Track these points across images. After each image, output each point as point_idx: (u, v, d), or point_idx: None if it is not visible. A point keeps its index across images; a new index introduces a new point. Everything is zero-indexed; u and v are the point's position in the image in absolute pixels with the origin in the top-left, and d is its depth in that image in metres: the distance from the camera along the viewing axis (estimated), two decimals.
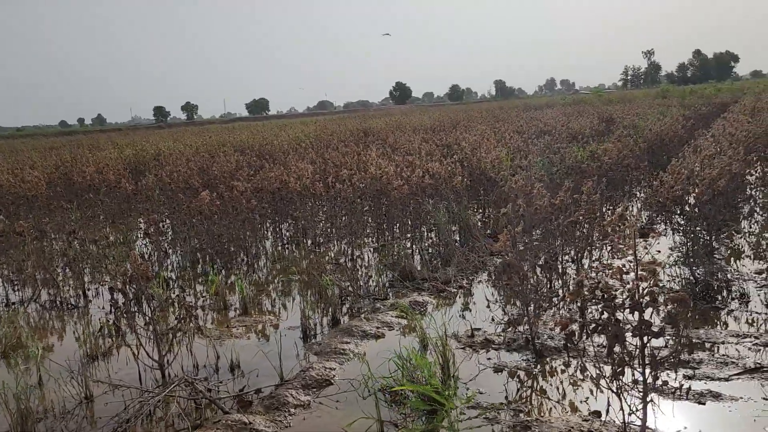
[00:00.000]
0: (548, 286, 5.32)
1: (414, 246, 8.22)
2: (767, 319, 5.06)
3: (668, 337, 4.29)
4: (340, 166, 10.87)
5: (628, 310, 3.24)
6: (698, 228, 6.18)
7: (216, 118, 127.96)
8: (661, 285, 3.36)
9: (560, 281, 5.94)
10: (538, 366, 4.48)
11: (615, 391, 3.36)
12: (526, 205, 5.59)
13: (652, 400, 3.30)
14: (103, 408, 4.28)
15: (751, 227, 7.80)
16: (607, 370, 3.89)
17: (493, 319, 5.40)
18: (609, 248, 7.24)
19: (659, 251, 6.96)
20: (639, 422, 3.38)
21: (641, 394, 3.31)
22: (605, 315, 3.22)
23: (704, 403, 3.75)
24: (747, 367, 4.12)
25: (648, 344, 3.21)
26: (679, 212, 6.21)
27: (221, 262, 7.89)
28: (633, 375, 3.34)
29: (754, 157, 8.71)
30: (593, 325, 3.21)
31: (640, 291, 3.16)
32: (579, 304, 3.37)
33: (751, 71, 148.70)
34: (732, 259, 6.72)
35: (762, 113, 15.94)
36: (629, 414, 3.37)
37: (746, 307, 5.31)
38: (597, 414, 3.70)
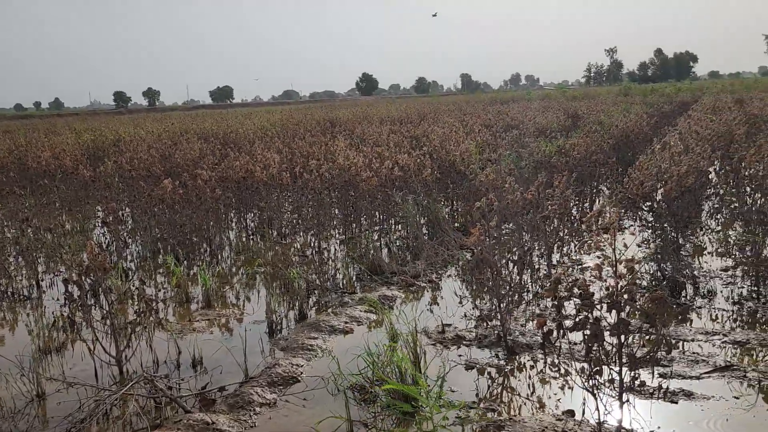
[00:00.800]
0: (519, 281, 5.26)
1: (382, 239, 8.10)
2: (733, 317, 5.10)
3: (641, 335, 4.28)
4: (307, 156, 10.67)
5: (604, 308, 3.19)
6: (666, 225, 6.21)
7: (179, 105, 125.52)
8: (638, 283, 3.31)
9: (532, 277, 5.90)
10: (510, 363, 4.41)
11: (591, 390, 3.30)
12: (497, 199, 5.50)
13: (628, 400, 3.25)
14: (56, 407, 4.05)
15: (717, 224, 7.90)
16: (582, 368, 3.84)
17: (465, 315, 5.32)
18: (577, 244, 7.25)
19: (626, 246, 6.99)
20: (612, 421, 3.34)
21: (617, 393, 3.25)
22: (583, 313, 3.15)
23: (677, 402, 3.72)
24: (718, 366, 4.13)
25: (625, 343, 3.16)
26: (648, 209, 6.23)
27: (183, 252, 7.64)
28: (610, 374, 3.28)
29: (719, 154, 8.86)
30: (572, 324, 3.14)
31: (619, 289, 3.10)
32: (555, 302, 3.29)
33: (709, 72, 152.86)
34: (698, 256, 6.79)
35: (722, 113, 16.26)
36: (605, 414, 3.32)
37: (714, 305, 5.34)
38: (571, 413, 3.64)
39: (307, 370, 4.45)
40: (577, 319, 3.16)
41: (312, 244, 8.08)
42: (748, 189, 8.32)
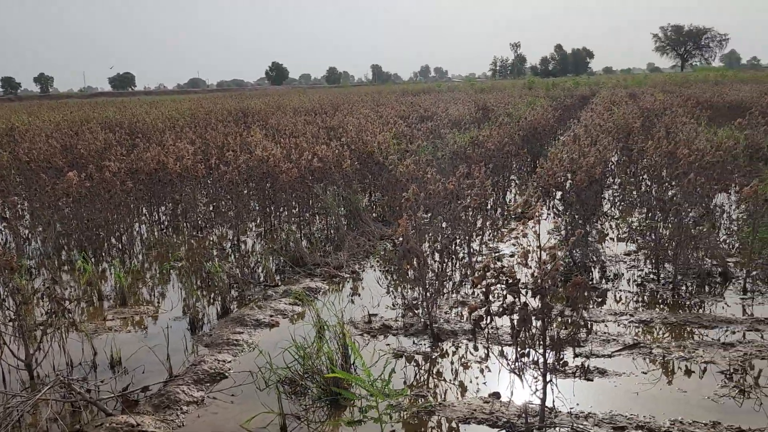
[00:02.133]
0: (443, 270, 5.39)
1: (302, 230, 8.05)
2: (636, 298, 5.46)
3: (563, 318, 4.51)
4: (222, 147, 10.40)
5: (529, 293, 3.34)
6: (576, 214, 6.55)
7: (75, 92, 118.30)
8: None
9: (454, 266, 6.06)
10: (437, 350, 4.53)
11: (517, 372, 3.45)
12: (419, 190, 5.61)
13: (551, 380, 3.43)
14: None
15: (618, 212, 8.41)
16: (501, 350, 4.01)
17: (393, 305, 5.39)
18: (493, 233, 7.50)
19: (539, 234, 7.31)
20: (537, 401, 3.50)
21: (541, 374, 3.42)
22: (510, 299, 3.28)
23: (592, 380, 3.97)
24: (626, 344, 4.42)
25: (549, 327, 3.32)
26: (560, 197, 6.54)
27: (91, 249, 7.25)
28: (535, 356, 3.44)
29: (620, 146, 9.43)
30: (500, 309, 3.26)
31: (543, 275, 3.25)
32: (484, 289, 3.41)
33: (604, 67, 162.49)
34: (603, 242, 7.21)
35: (620, 106, 17.27)
36: (531, 394, 3.49)
37: (620, 287, 5.70)
38: (497, 395, 3.79)
39: (235, 366, 4.38)
40: (504, 305, 3.29)
41: (230, 237, 7.91)
42: (645, 177, 8.92)
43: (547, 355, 3.35)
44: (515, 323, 3.26)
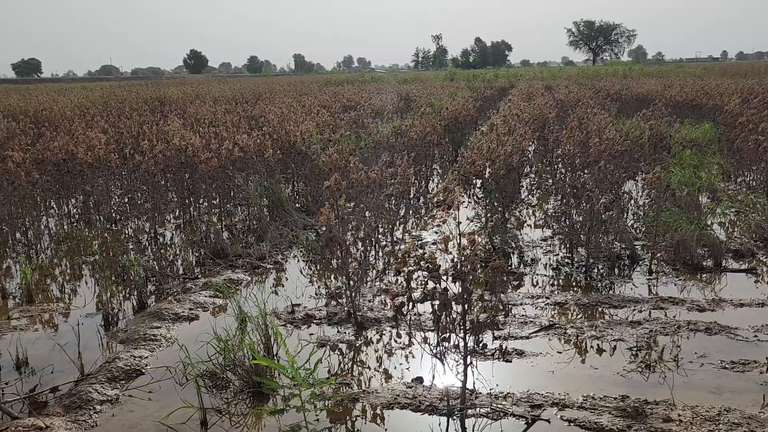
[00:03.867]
0: (366, 258, 5.42)
1: (223, 222, 7.86)
2: (551, 281, 5.68)
3: (482, 302, 4.61)
4: (137, 136, 9.99)
5: (450, 278, 3.40)
6: (495, 202, 6.73)
7: None
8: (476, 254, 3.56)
9: (377, 254, 6.09)
10: (361, 338, 4.54)
11: (439, 357, 3.51)
12: (342, 179, 5.59)
13: (472, 363, 3.51)
14: None
15: (535, 199, 8.71)
16: (425, 337, 4.08)
17: (315, 294, 5.36)
18: (416, 221, 7.60)
19: (460, 222, 7.47)
20: (459, 384, 3.58)
21: (461, 357, 3.50)
22: (431, 285, 3.33)
23: (511, 361, 4.10)
24: (543, 325, 4.59)
25: (469, 311, 3.40)
26: (480, 185, 6.69)
27: None
28: (456, 340, 3.51)
29: (537, 135, 9.77)
30: (421, 295, 3.31)
31: (462, 261, 3.31)
32: (405, 276, 3.44)
33: (521, 60, 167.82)
34: (521, 228, 7.44)
35: (536, 98, 17.86)
36: (453, 377, 3.56)
37: (536, 271, 5.91)
38: (419, 380, 3.85)
39: (152, 362, 4.23)
40: (425, 291, 3.34)
41: (147, 230, 7.62)
42: (559, 165, 9.29)
43: (467, 338, 3.42)
44: (436, 308, 3.31)
